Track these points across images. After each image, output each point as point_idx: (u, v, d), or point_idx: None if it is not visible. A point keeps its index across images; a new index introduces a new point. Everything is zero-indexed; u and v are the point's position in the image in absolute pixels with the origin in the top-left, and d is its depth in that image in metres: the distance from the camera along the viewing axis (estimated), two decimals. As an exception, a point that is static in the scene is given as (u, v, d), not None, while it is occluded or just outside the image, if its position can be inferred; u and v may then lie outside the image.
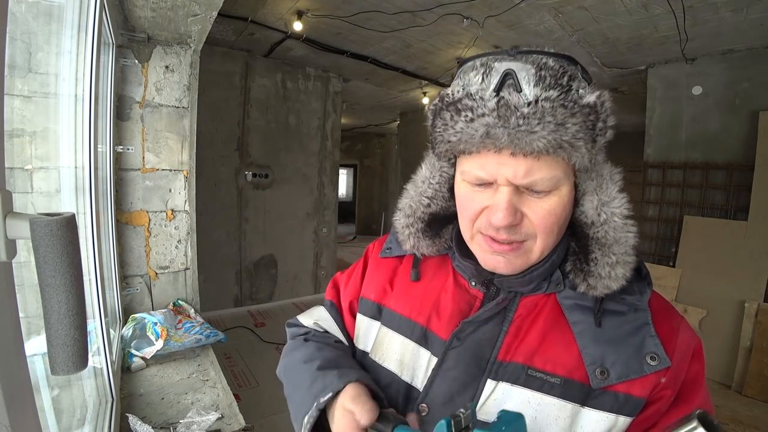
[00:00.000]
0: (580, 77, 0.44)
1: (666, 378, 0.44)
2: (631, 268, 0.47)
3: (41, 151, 1.24)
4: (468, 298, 0.53)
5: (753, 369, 2.74)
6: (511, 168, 0.42)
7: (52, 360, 0.33)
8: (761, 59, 3.03)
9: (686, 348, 0.46)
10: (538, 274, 0.49)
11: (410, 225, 0.57)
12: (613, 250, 0.46)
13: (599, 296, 0.47)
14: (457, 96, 0.44)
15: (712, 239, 3.10)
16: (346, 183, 11.55)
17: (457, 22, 2.94)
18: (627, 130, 6.79)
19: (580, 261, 0.49)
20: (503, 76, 0.41)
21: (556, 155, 0.41)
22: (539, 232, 0.45)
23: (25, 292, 0.71)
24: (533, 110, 0.40)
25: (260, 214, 4.18)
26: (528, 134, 0.40)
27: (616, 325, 0.46)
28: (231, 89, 3.86)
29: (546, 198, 0.44)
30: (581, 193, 0.47)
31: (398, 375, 0.54)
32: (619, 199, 0.47)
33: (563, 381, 0.45)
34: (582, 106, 0.41)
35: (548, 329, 0.48)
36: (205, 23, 1.76)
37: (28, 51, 1.17)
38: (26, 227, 0.32)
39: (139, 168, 1.92)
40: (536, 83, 0.41)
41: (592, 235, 0.47)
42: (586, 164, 0.44)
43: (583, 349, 0.45)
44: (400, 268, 0.61)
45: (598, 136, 0.43)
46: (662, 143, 3.56)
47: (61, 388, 1.07)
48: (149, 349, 1.63)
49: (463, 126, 0.43)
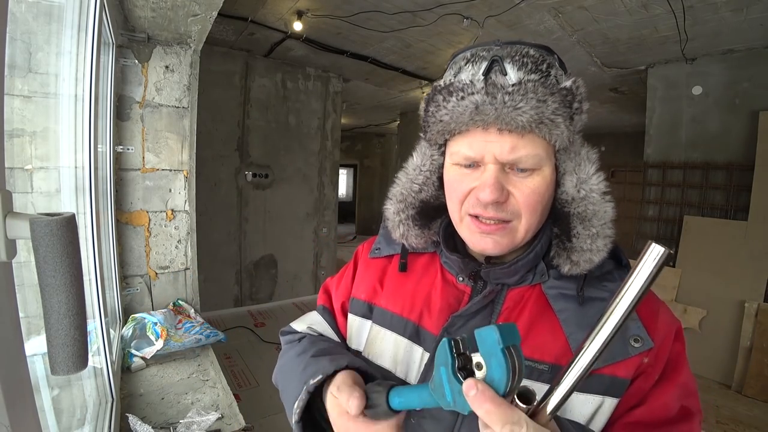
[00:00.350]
0: (557, 66, 0.49)
1: (649, 358, 0.46)
2: (611, 241, 0.49)
3: (41, 151, 1.24)
4: (456, 293, 0.55)
5: (753, 369, 2.74)
6: (497, 145, 0.46)
7: (52, 360, 0.33)
8: (761, 59, 3.03)
9: (667, 329, 0.48)
10: (522, 264, 0.51)
11: (401, 211, 0.58)
12: (593, 223, 0.49)
13: (582, 273, 0.49)
14: (449, 82, 0.48)
15: (712, 239, 3.10)
16: (346, 183, 11.55)
17: (457, 22, 2.94)
18: (627, 130, 6.79)
19: (562, 241, 0.51)
20: (491, 62, 0.46)
21: (539, 131, 0.45)
22: (524, 210, 0.48)
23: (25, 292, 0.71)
24: (518, 89, 0.44)
25: (260, 214, 4.18)
26: (513, 110, 0.44)
27: (599, 310, 0.48)
28: (231, 89, 3.86)
29: (530, 177, 0.47)
30: (561, 173, 0.50)
31: (392, 372, 0.55)
32: (596, 177, 0.50)
33: (551, 367, 0.47)
34: (560, 89, 0.45)
35: (535, 318, 0.49)
36: (205, 23, 1.76)
37: (28, 51, 1.17)
38: (26, 227, 0.32)
39: (139, 168, 1.92)
40: (519, 68, 0.45)
41: (572, 211, 0.50)
42: (565, 143, 0.47)
43: (570, 335, 0.47)
44: (390, 267, 0.62)
45: (575, 115, 0.46)
46: (662, 143, 3.56)
47: (61, 388, 1.07)
48: (149, 349, 1.63)
49: (455, 104, 0.46)
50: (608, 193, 0.50)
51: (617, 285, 0.46)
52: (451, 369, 0.34)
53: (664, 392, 0.46)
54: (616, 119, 6.13)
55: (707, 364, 3.02)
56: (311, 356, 0.54)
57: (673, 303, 3.19)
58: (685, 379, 0.48)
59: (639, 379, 0.46)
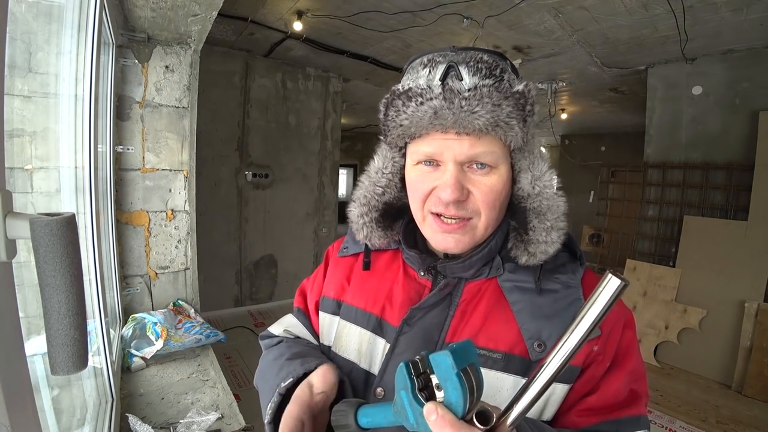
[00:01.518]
0: (510, 71, 0.51)
1: (598, 346, 0.49)
2: (564, 233, 0.52)
3: (41, 151, 1.24)
4: (417, 287, 0.57)
5: (753, 369, 2.74)
6: (456, 144, 0.48)
7: (52, 360, 0.33)
8: (761, 59, 3.03)
9: (617, 319, 0.51)
10: (477, 259, 0.53)
11: (364, 214, 0.60)
12: (547, 217, 0.52)
13: (538, 263, 0.52)
14: (407, 87, 0.49)
15: (712, 239, 3.10)
16: (346, 183, 11.55)
17: (457, 22, 2.94)
18: (627, 130, 6.79)
19: (520, 234, 0.54)
20: (447, 67, 0.47)
21: (495, 133, 0.47)
22: (483, 208, 0.50)
23: (25, 292, 0.71)
24: (473, 94, 0.46)
25: (260, 214, 4.18)
26: (470, 114, 0.46)
27: (551, 301, 0.51)
28: (231, 89, 3.86)
29: (488, 176, 0.50)
30: (517, 171, 0.53)
31: (357, 364, 0.58)
32: (548, 174, 0.53)
33: (504, 356, 0.49)
34: (513, 92, 0.48)
35: (490, 310, 0.52)
36: (205, 23, 1.76)
37: (28, 51, 1.17)
38: (26, 227, 0.32)
39: (139, 168, 1.92)
40: (474, 73, 0.47)
41: (528, 206, 0.53)
42: (519, 143, 0.50)
43: (522, 325, 0.50)
44: (356, 264, 0.65)
45: (528, 117, 0.49)
46: (662, 143, 3.56)
47: (61, 388, 1.07)
48: (149, 349, 1.63)
49: (414, 109, 0.48)
50: (561, 189, 0.53)
51: (569, 277, 0.53)
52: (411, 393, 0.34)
53: (616, 378, 0.49)
54: (616, 119, 6.13)
55: (707, 364, 3.02)
56: (285, 359, 0.56)
57: (673, 303, 3.20)
58: (635, 365, 0.50)
59: (591, 367, 0.49)
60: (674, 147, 3.47)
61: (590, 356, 0.49)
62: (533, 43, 3.28)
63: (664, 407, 2.62)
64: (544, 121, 5.24)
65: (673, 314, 3.18)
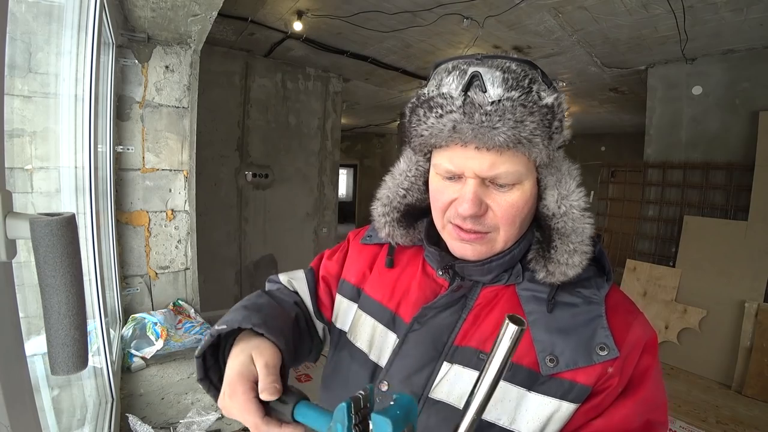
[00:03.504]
0: (540, 80, 0.47)
1: (613, 368, 0.46)
2: (588, 258, 0.50)
3: (41, 151, 1.24)
4: (434, 286, 0.57)
5: (753, 369, 2.74)
6: (476, 161, 0.46)
7: (52, 360, 0.33)
8: (761, 59, 3.03)
9: (637, 341, 0.48)
10: (497, 264, 0.52)
11: (386, 214, 0.60)
12: (571, 239, 0.50)
13: (555, 283, 0.50)
14: (430, 95, 0.47)
15: (712, 239, 3.10)
16: (346, 183, 11.54)
17: (457, 22, 2.94)
18: (627, 130, 6.79)
19: (543, 249, 0.52)
20: (471, 77, 0.45)
21: (517, 150, 0.45)
22: (502, 224, 0.49)
23: (25, 292, 0.71)
24: (495, 108, 0.43)
25: (260, 214, 4.18)
26: (490, 130, 0.44)
27: (568, 316, 0.49)
28: (231, 89, 3.86)
29: (509, 192, 0.48)
30: (543, 187, 0.51)
31: (367, 354, 0.58)
32: (576, 193, 0.50)
33: (511, 366, 0.47)
34: (540, 106, 0.45)
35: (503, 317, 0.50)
36: (205, 23, 1.76)
37: (28, 51, 1.17)
38: (26, 227, 0.32)
39: (139, 168, 1.92)
40: (500, 84, 0.44)
41: (553, 225, 0.51)
42: (544, 160, 0.48)
43: (535, 337, 0.48)
44: (380, 255, 0.65)
45: (554, 134, 0.46)
46: (662, 143, 3.56)
47: (61, 388, 1.07)
48: (149, 349, 1.63)
49: (434, 121, 0.46)
50: (588, 210, 0.51)
51: (592, 292, 0.51)
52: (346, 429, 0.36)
53: (624, 405, 0.46)
54: (616, 119, 6.13)
55: (707, 364, 3.02)
56: (242, 306, 0.56)
57: (673, 303, 3.20)
58: (650, 393, 0.47)
59: (602, 393, 0.46)
60: (674, 147, 3.47)
61: (603, 378, 0.46)
62: (533, 43, 3.28)
63: (664, 407, 2.62)
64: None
65: (673, 314, 3.18)
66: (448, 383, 0.50)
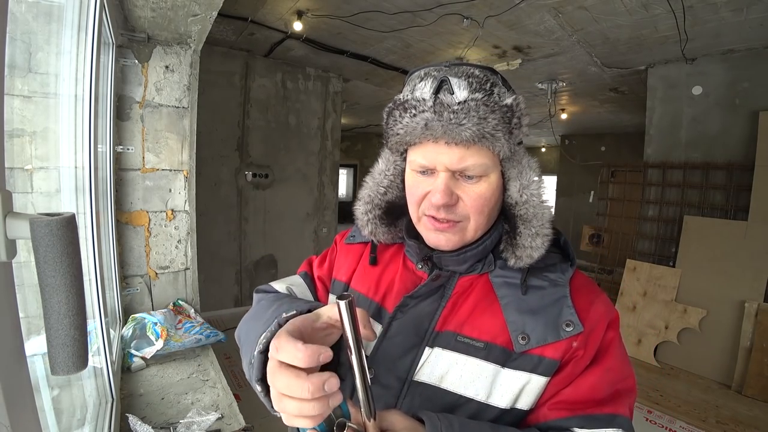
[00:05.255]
0: (501, 84, 0.54)
1: (578, 342, 0.51)
2: (549, 239, 0.56)
3: (41, 151, 1.24)
4: (414, 278, 0.61)
5: (753, 369, 2.74)
6: (447, 156, 0.51)
7: (52, 360, 0.33)
8: (761, 59, 3.03)
9: (600, 317, 0.53)
10: (471, 254, 0.57)
11: (368, 212, 0.65)
12: (533, 224, 0.56)
13: (525, 266, 0.56)
14: (405, 98, 0.53)
15: (712, 239, 3.10)
16: (346, 183, 11.54)
17: (457, 22, 2.94)
18: (627, 130, 6.79)
19: (510, 237, 0.58)
20: (440, 82, 0.51)
21: (482, 144, 0.51)
22: (471, 213, 0.54)
23: (25, 292, 0.70)
24: (461, 107, 0.49)
25: (260, 214, 4.18)
26: (457, 126, 0.49)
27: (537, 298, 0.55)
28: (231, 89, 3.86)
29: (477, 183, 0.53)
30: (507, 179, 0.57)
31: None
32: (535, 183, 0.56)
33: (486, 345, 0.53)
34: (501, 106, 0.51)
35: (478, 302, 0.56)
36: (205, 23, 1.76)
37: (28, 51, 1.16)
38: (26, 227, 0.32)
39: (139, 168, 1.92)
40: (465, 88, 0.51)
41: (516, 213, 0.57)
42: (507, 153, 0.53)
43: (508, 318, 0.54)
44: (364, 254, 0.69)
45: (514, 129, 0.52)
46: (662, 143, 3.56)
47: (61, 388, 1.07)
48: (149, 349, 1.62)
49: (408, 120, 0.52)
50: (545, 202, 0.57)
51: (557, 275, 0.57)
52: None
53: (592, 374, 0.51)
54: (616, 119, 6.13)
55: (707, 364, 3.02)
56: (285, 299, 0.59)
57: (673, 303, 3.20)
58: (615, 363, 0.52)
59: (570, 364, 0.51)
60: (674, 147, 3.47)
61: (570, 351, 0.51)
62: (533, 43, 3.28)
63: (664, 407, 2.62)
64: (545, 121, 5.24)
65: (673, 314, 3.18)
66: (429, 365, 0.54)
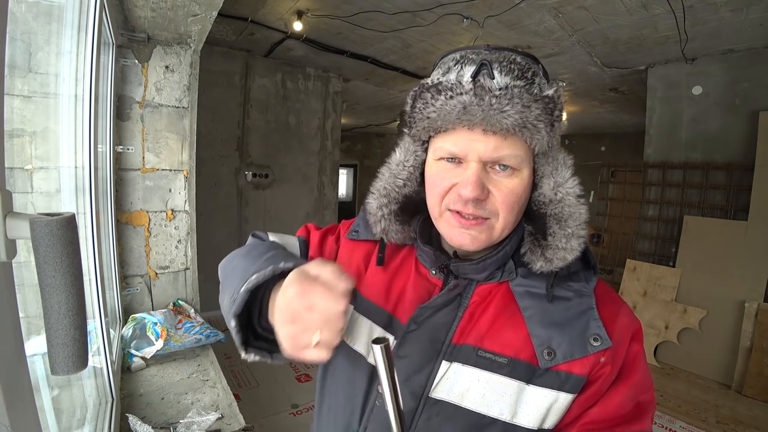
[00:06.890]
0: (541, 75, 0.50)
1: (605, 357, 0.48)
2: (583, 241, 0.52)
3: (41, 151, 1.24)
4: (428, 286, 0.57)
5: (753, 369, 2.74)
6: (482, 144, 0.47)
7: (52, 360, 0.33)
8: (761, 59, 3.03)
9: (625, 330, 0.50)
10: (491, 262, 0.53)
11: (383, 206, 0.59)
12: (568, 224, 0.51)
13: (554, 270, 0.51)
14: (437, 81, 0.49)
15: (712, 239, 3.10)
16: (346, 183, 11.53)
17: (457, 22, 2.94)
18: (627, 130, 6.79)
19: (537, 239, 0.53)
20: (479, 65, 0.47)
21: (521, 135, 0.47)
22: (501, 209, 0.49)
23: (25, 292, 0.70)
24: (504, 93, 0.45)
25: (260, 214, 4.18)
26: (499, 112, 0.45)
27: (562, 309, 0.50)
28: (231, 89, 3.86)
29: (510, 177, 0.49)
30: (539, 176, 0.52)
31: (365, 357, 0.57)
32: (571, 181, 0.52)
33: (510, 361, 0.49)
34: (543, 96, 0.47)
35: (499, 314, 0.52)
36: (205, 23, 1.76)
37: (28, 51, 1.16)
38: (26, 227, 0.32)
39: (139, 168, 1.92)
40: (506, 74, 0.47)
41: (549, 212, 0.52)
42: (544, 147, 0.49)
43: (532, 332, 0.49)
44: (373, 255, 0.64)
45: (555, 122, 0.48)
46: (662, 143, 3.56)
47: (61, 388, 1.07)
48: (149, 349, 1.62)
49: (443, 103, 0.47)
50: (582, 197, 0.52)
51: (582, 285, 0.53)
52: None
53: (618, 392, 0.48)
54: (616, 119, 6.13)
55: (707, 364, 3.02)
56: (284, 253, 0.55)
57: (673, 303, 3.20)
58: (640, 378, 0.49)
59: (597, 382, 0.48)
60: (674, 147, 3.47)
61: (597, 367, 0.48)
62: (533, 43, 3.28)
63: (664, 407, 2.62)
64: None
65: (673, 314, 3.18)
66: (448, 381, 0.50)
